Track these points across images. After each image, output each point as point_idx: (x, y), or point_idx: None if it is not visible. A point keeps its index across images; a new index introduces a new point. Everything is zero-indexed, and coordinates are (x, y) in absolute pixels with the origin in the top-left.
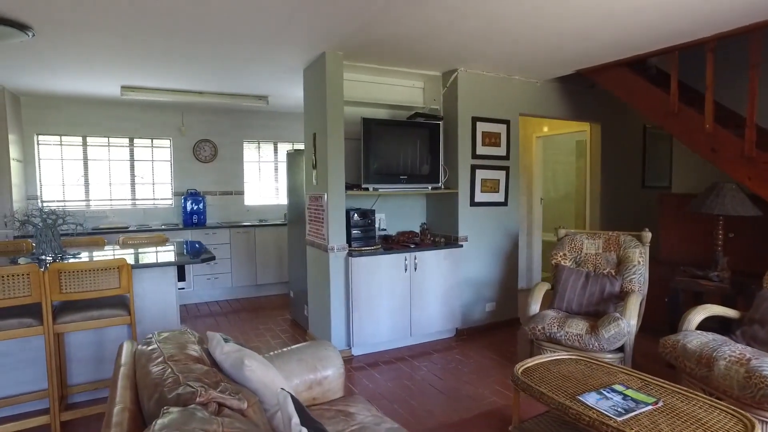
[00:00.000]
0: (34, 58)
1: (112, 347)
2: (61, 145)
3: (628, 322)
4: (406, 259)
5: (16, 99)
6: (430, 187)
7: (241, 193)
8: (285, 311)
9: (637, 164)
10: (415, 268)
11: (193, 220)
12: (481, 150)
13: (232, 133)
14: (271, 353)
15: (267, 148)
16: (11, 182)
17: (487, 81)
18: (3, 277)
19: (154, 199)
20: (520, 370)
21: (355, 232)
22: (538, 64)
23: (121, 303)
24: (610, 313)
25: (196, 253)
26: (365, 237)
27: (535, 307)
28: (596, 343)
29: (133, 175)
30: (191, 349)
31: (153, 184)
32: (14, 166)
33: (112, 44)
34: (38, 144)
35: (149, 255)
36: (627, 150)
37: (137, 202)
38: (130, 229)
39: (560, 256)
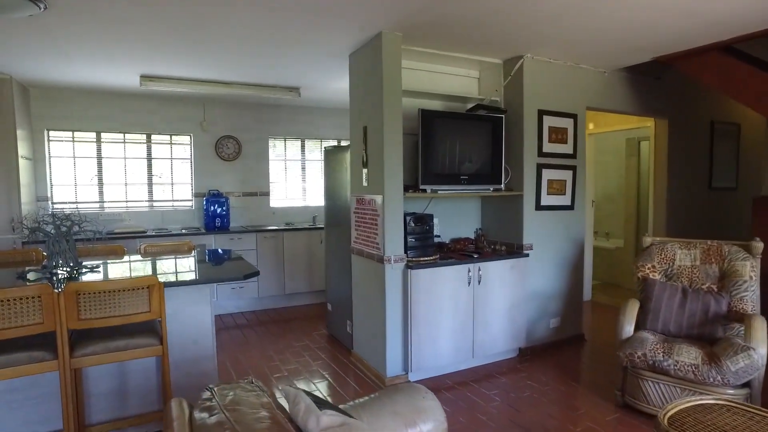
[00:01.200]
0: (45, 41)
1: (138, 378)
2: (73, 141)
3: (759, 352)
4: (469, 271)
5: (24, 91)
6: (491, 189)
7: (266, 194)
8: (319, 324)
9: (703, 164)
10: (479, 281)
11: (216, 223)
12: (547, 147)
13: (257, 128)
14: (354, 402)
15: (293, 145)
16: (20, 182)
17: (553, 70)
18: (8, 301)
19: (172, 200)
20: (665, 419)
21: (410, 240)
22: (612, 49)
23: (150, 329)
24: (723, 337)
25: (218, 260)
26: (422, 246)
27: (629, 328)
28: (719, 377)
29: (150, 175)
30: (268, 418)
31: (172, 184)
32: (23, 164)
33: (133, 20)
34: (48, 140)
35: (180, 268)
36: (693, 148)
37: (154, 203)
38: (147, 233)
39: (648, 269)
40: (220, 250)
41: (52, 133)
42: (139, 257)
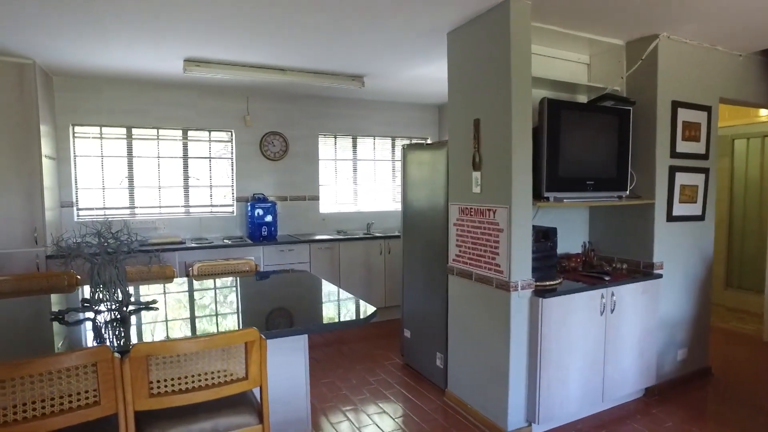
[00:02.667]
0: (85, 15)
1: None
2: (101, 137)
3: None
4: (602, 297)
5: (48, 79)
6: (616, 196)
7: (316, 198)
8: (389, 351)
9: None
10: (612, 309)
11: (262, 232)
12: (680, 146)
13: (306, 124)
14: None
15: (344, 143)
16: (43, 185)
17: (687, 53)
18: (51, 374)
19: (211, 205)
20: None
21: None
22: (763, 24)
23: (243, 400)
24: None
25: (303, 289)
26: (545, 266)
27: None
28: None
29: (186, 176)
30: None
31: (210, 186)
32: (46, 164)
33: None
34: (74, 137)
35: (260, 304)
36: None
37: (191, 209)
38: (185, 244)
39: None
40: (276, 270)
41: (77, 128)
42: (195, 283)
